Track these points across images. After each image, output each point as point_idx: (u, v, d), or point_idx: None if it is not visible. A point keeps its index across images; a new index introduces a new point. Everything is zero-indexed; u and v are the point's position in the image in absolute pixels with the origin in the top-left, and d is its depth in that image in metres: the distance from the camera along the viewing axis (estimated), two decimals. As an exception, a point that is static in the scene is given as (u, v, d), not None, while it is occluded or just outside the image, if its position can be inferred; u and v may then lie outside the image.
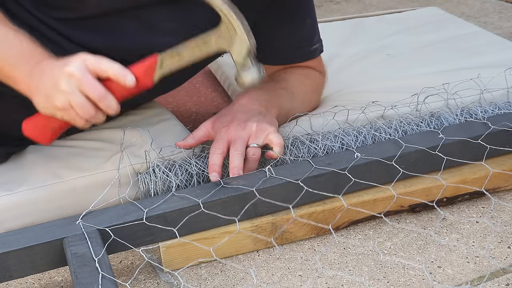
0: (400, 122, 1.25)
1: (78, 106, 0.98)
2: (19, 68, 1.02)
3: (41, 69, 1.00)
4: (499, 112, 1.28)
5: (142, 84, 1.03)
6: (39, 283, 1.07)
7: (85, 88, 0.98)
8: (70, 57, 1.00)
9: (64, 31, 1.11)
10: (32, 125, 1.08)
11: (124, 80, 1.00)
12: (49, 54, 1.03)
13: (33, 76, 1.01)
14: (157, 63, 1.03)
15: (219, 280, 1.04)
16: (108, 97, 0.99)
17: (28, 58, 1.02)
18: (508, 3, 2.44)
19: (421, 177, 1.15)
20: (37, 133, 1.08)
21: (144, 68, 1.02)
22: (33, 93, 1.01)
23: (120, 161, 1.15)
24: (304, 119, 1.26)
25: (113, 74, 0.99)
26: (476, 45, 1.70)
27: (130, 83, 1.00)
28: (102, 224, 1.00)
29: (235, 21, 1.01)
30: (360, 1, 2.59)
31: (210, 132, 1.17)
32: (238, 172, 1.09)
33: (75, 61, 0.99)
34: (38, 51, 1.03)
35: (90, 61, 0.99)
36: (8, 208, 1.11)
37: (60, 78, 0.98)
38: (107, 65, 1.00)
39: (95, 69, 0.99)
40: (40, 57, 1.03)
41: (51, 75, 0.99)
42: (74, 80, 0.97)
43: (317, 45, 1.32)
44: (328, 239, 1.12)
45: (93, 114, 1.00)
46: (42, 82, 1.00)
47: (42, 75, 1.00)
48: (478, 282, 1.00)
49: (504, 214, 1.16)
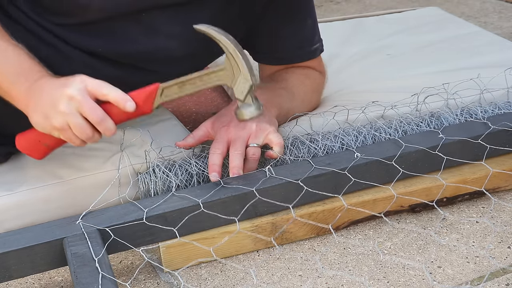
0: (400, 122, 1.25)
1: (76, 127, 0.99)
2: (18, 85, 1.02)
3: (40, 88, 1.01)
4: (499, 112, 1.28)
5: (140, 110, 1.04)
6: (39, 283, 1.07)
7: (85, 110, 0.98)
8: (70, 77, 1.00)
9: (64, 35, 1.11)
10: (26, 140, 1.09)
11: (124, 105, 1.00)
12: (47, 71, 1.04)
13: (32, 94, 1.01)
14: (157, 92, 1.04)
15: (219, 280, 1.04)
16: (107, 120, 1.00)
17: (27, 75, 1.03)
18: (508, 3, 2.44)
19: (421, 177, 1.15)
20: (31, 148, 1.09)
21: (144, 96, 1.03)
22: (31, 111, 1.02)
23: (120, 161, 1.15)
24: (304, 119, 1.26)
25: (114, 99, 1.00)
26: (476, 45, 1.70)
27: (130, 109, 1.01)
28: (102, 224, 1.00)
29: (240, 60, 1.03)
30: (360, 1, 2.59)
31: (210, 132, 1.17)
32: (238, 172, 1.09)
33: (75, 83, 0.99)
34: (36, 68, 1.04)
35: (90, 84, 1.00)
36: (8, 208, 1.11)
37: (60, 99, 0.98)
38: (108, 90, 1.00)
39: (95, 93, 1.00)
40: (39, 75, 1.03)
41: (50, 95, 0.99)
42: (74, 102, 0.98)
43: (317, 45, 1.32)
44: (328, 239, 1.12)
45: (90, 135, 1.01)
46: (40, 101, 1.00)
47: (41, 94, 1.00)
48: (478, 282, 1.00)
49: (504, 214, 1.16)
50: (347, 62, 1.66)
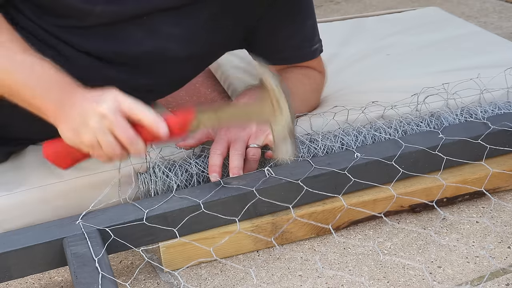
0: (400, 122, 1.25)
1: (106, 145, 0.97)
2: (48, 99, 1.00)
3: (71, 101, 0.98)
4: (499, 112, 1.28)
5: (174, 136, 1.01)
6: (39, 283, 1.07)
7: (116, 131, 0.96)
8: (103, 92, 0.97)
9: (65, 37, 1.11)
10: (54, 150, 1.05)
11: (157, 130, 0.97)
12: (78, 84, 1.01)
13: (62, 107, 0.99)
14: (193, 120, 1.00)
15: (219, 280, 1.04)
16: (138, 142, 0.97)
17: (58, 89, 1.00)
18: (508, 3, 2.44)
19: (421, 177, 1.15)
20: (58, 159, 1.05)
21: (179, 123, 1.00)
22: (61, 123, 0.99)
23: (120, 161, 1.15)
24: (304, 119, 1.26)
25: (148, 123, 0.97)
26: (476, 45, 1.70)
27: (163, 135, 0.98)
28: (102, 224, 1.00)
29: (283, 101, 0.99)
30: (360, 1, 2.59)
31: (210, 133, 1.17)
32: (238, 172, 1.09)
33: (108, 100, 0.96)
34: (66, 80, 1.01)
35: (124, 104, 0.96)
36: (8, 208, 1.11)
37: (92, 116, 0.95)
38: (142, 112, 0.97)
39: (128, 113, 0.97)
40: (69, 87, 1.00)
41: (82, 110, 0.96)
42: (105, 121, 0.95)
43: (317, 45, 1.32)
44: (328, 239, 1.12)
45: (118, 154, 0.98)
46: (71, 115, 0.97)
47: (72, 108, 0.97)
48: (478, 282, 1.00)
49: (504, 214, 1.16)
50: (347, 62, 1.66)
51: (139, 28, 1.12)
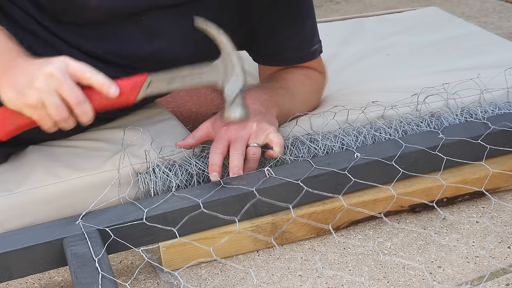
0: (400, 122, 1.25)
1: (52, 106, 0.95)
2: None
3: (16, 65, 0.97)
4: (499, 112, 1.28)
5: (124, 99, 1.00)
6: (39, 283, 1.07)
7: (63, 89, 0.94)
8: (51, 58, 0.97)
9: (62, 34, 1.11)
10: None
11: (107, 90, 0.97)
12: (26, 53, 1.00)
13: (6, 71, 0.97)
14: (144, 82, 1.01)
15: (219, 280, 1.04)
16: (85, 103, 0.96)
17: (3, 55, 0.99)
18: (508, 3, 2.44)
19: (421, 177, 1.15)
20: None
21: (131, 84, 1.00)
22: (3, 86, 0.97)
23: (120, 161, 1.15)
24: (304, 119, 1.26)
25: (97, 83, 0.96)
26: (476, 45, 1.70)
27: (113, 94, 0.97)
28: (102, 224, 1.00)
29: (235, 59, 1.04)
30: (360, 1, 2.59)
31: (210, 132, 1.17)
32: (238, 171, 1.09)
33: (57, 62, 0.96)
34: (15, 48, 1.00)
35: (73, 65, 0.96)
36: (8, 208, 1.11)
37: (38, 76, 0.94)
38: (92, 73, 0.97)
39: (77, 75, 0.96)
40: (16, 54, 0.99)
41: (27, 71, 0.95)
42: (53, 80, 0.94)
43: (316, 46, 1.32)
44: (328, 239, 1.12)
45: (65, 117, 0.97)
46: (15, 77, 0.96)
47: (16, 71, 0.96)
48: (478, 282, 1.00)
49: (504, 214, 1.16)
50: (347, 62, 1.66)
51: (137, 27, 1.12)
